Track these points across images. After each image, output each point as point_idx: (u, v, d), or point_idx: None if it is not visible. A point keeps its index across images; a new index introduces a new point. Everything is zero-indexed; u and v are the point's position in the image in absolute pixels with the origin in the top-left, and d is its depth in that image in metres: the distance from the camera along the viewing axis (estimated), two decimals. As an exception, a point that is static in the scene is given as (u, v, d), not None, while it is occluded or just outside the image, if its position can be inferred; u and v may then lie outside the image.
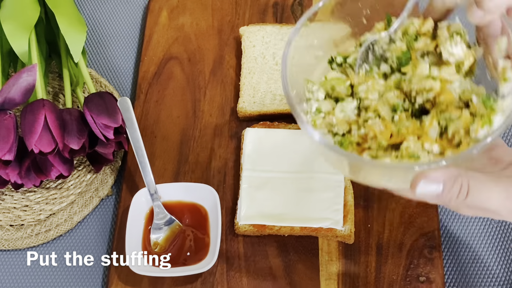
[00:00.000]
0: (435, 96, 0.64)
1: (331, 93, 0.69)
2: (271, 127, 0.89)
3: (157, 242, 0.82)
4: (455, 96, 0.64)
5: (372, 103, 0.66)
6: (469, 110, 0.62)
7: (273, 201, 0.82)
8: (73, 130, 0.82)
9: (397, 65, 0.69)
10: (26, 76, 0.79)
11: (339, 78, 0.69)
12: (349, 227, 0.80)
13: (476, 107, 0.62)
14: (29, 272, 0.85)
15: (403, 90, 0.66)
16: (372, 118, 0.65)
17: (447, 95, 0.63)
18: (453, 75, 0.65)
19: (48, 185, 0.90)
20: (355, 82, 0.68)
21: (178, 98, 0.96)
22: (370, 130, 0.64)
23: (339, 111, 0.67)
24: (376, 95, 0.67)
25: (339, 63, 0.71)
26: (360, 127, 0.65)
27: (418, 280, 0.78)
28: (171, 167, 0.90)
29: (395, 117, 0.65)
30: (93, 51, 1.04)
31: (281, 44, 0.96)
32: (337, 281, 0.79)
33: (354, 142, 0.65)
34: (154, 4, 1.06)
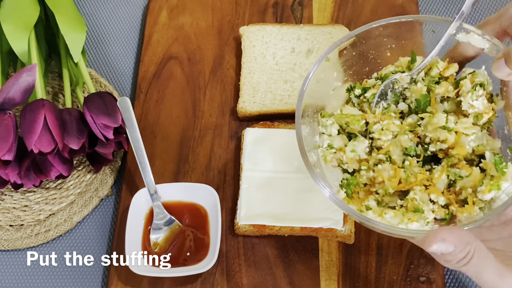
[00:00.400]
0: (449, 147, 0.65)
1: (345, 128, 0.70)
2: (271, 127, 0.89)
3: (157, 242, 0.82)
4: (469, 150, 0.65)
5: (384, 144, 0.67)
6: (481, 166, 0.64)
7: (273, 201, 0.82)
8: (72, 130, 0.82)
9: (415, 107, 0.69)
10: (25, 76, 0.79)
11: (354, 116, 0.69)
12: (349, 227, 0.80)
13: (488, 165, 0.63)
14: (29, 272, 0.85)
15: (417, 135, 0.67)
16: (383, 160, 0.66)
17: (461, 150, 0.64)
18: (469, 128, 0.65)
19: (47, 185, 0.90)
20: (370, 121, 0.69)
21: (178, 98, 0.96)
22: (379, 175, 0.65)
23: (349, 151, 0.68)
24: (390, 136, 0.67)
25: (357, 95, 0.72)
26: (369, 168, 0.66)
27: (418, 280, 0.78)
28: (171, 167, 0.90)
29: (406, 162, 0.66)
30: (93, 51, 1.04)
31: (281, 44, 0.96)
32: (337, 281, 0.79)
33: (362, 183, 0.66)
34: (154, 4, 1.06)
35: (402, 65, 0.72)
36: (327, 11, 1.02)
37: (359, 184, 0.67)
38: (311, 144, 0.69)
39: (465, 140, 0.65)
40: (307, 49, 0.95)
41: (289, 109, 0.90)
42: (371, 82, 0.73)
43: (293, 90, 0.92)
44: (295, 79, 0.93)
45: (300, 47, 0.96)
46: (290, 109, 0.90)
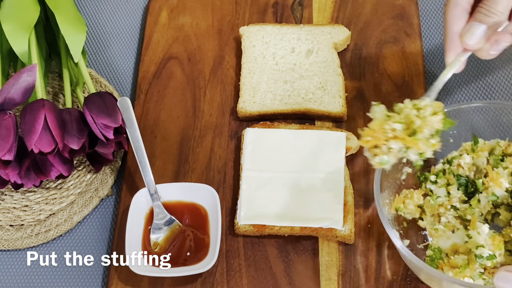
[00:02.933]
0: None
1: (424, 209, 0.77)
2: (271, 127, 0.89)
3: (157, 242, 0.82)
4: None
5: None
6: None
7: (273, 201, 0.82)
8: (73, 130, 0.82)
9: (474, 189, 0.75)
10: (26, 76, 0.79)
11: (433, 205, 0.76)
12: (349, 227, 0.80)
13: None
14: (29, 272, 0.85)
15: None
16: (470, 236, 0.71)
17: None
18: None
19: (48, 185, 0.90)
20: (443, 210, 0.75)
21: (178, 98, 0.96)
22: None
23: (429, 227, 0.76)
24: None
25: (433, 181, 0.77)
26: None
27: (418, 280, 0.78)
28: (171, 167, 0.90)
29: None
30: (93, 51, 1.04)
31: (281, 44, 0.96)
32: (337, 281, 0.79)
33: (444, 253, 0.72)
34: (154, 4, 1.06)
35: (466, 150, 0.77)
36: (327, 11, 1.02)
37: (443, 257, 0.72)
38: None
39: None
40: (307, 49, 0.95)
41: (289, 109, 0.90)
42: (438, 167, 0.78)
43: (293, 90, 0.92)
44: (295, 79, 0.93)
45: (300, 47, 0.96)
46: (290, 109, 0.90)
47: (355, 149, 0.87)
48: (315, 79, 0.92)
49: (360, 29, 0.99)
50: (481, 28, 0.70)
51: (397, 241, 0.70)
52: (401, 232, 0.77)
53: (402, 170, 0.79)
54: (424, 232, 0.78)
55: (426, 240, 0.78)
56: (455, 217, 0.74)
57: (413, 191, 0.77)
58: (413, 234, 0.78)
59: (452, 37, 0.73)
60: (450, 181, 0.76)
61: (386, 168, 0.69)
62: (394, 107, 0.69)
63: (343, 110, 0.89)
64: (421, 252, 0.77)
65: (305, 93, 0.91)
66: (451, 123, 0.68)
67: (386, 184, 0.76)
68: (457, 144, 0.80)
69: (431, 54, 0.97)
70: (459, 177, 0.76)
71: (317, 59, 0.94)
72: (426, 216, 0.77)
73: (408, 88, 0.92)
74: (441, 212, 0.75)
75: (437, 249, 0.72)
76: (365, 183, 0.85)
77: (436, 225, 0.75)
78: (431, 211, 0.76)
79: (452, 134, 0.79)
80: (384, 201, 0.75)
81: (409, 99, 0.69)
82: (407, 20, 0.98)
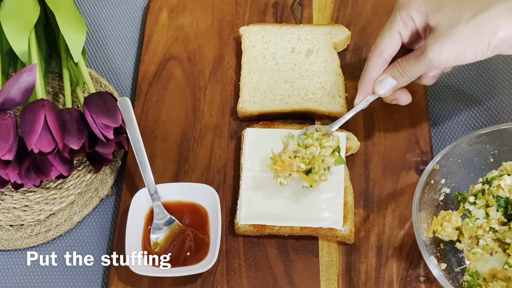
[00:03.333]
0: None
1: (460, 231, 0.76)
2: (271, 127, 0.89)
3: (157, 242, 0.82)
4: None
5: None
6: None
7: (273, 201, 0.82)
8: (73, 130, 0.82)
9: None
10: (26, 76, 0.79)
11: (471, 228, 0.75)
12: (349, 227, 0.80)
13: None
14: (29, 272, 0.85)
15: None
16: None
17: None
18: None
19: (48, 185, 0.90)
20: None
21: (178, 98, 0.96)
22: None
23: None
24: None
25: (471, 202, 0.76)
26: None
27: (418, 280, 0.78)
28: (171, 167, 0.90)
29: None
30: (93, 51, 1.04)
31: (281, 44, 0.96)
32: (337, 281, 0.79)
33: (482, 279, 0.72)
34: (154, 4, 1.06)
35: (507, 169, 0.77)
36: (327, 11, 1.02)
37: (481, 284, 0.72)
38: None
39: None
40: (307, 49, 0.95)
41: (289, 109, 0.90)
42: (477, 187, 0.77)
43: (293, 90, 0.92)
44: (295, 79, 0.93)
45: (300, 47, 0.96)
46: (290, 109, 0.90)
47: (355, 149, 0.87)
48: (315, 79, 0.92)
49: (360, 29, 0.99)
50: (393, 82, 0.80)
51: (434, 270, 0.70)
52: (438, 254, 0.76)
53: (440, 191, 0.79)
54: (461, 254, 0.77)
55: (463, 262, 0.77)
56: (493, 240, 0.73)
57: (451, 212, 0.76)
58: (451, 256, 0.77)
59: (367, 82, 0.81)
60: (489, 203, 0.75)
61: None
62: (305, 131, 0.80)
63: (343, 110, 0.89)
64: (459, 275, 0.76)
65: (305, 93, 0.91)
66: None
67: (423, 206, 0.75)
68: (497, 163, 0.79)
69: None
70: (498, 199, 0.74)
71: (317, 59, 0.94)
72: (464, 238, 0.75)
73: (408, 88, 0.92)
74: (479, 234, 0.74)
75: (474, 273, 0.72)
76: (365, 183, 0.85)
77: (474, 248, 0.74)
78: (469, 234, 0.75)
79: (492, 153, 0.79)
80: (421, 224, 0.74)
81: (317, 127, 0.81)
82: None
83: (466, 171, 0.80)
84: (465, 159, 0.79)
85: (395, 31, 0.78)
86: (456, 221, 0.75)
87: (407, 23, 0.77)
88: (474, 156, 0.79)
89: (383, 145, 0.88)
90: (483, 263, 0.72)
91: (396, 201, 0.83)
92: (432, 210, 0.77)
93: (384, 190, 0.84)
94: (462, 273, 0.76)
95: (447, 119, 0.91)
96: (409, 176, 0.85)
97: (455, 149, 0.77)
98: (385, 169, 0.86)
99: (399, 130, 0.89)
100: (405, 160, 0.86)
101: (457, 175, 0.79)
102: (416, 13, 0.76)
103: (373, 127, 0.89)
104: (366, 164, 0.87)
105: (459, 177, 0.79)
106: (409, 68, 0.77)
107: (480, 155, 0.79)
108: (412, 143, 0.87)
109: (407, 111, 0.89)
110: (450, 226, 0.75)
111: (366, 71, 0.81)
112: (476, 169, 0.79)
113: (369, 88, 0.81)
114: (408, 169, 0.85)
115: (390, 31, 0.78)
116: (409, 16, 0.76)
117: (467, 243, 0.75)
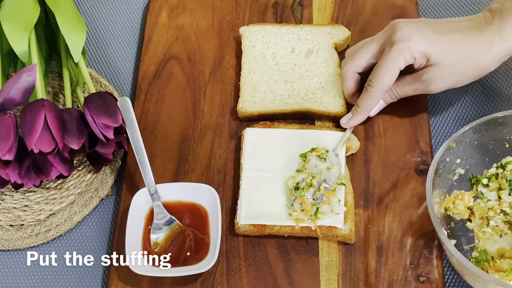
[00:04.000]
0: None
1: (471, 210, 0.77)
2: (271, 127, 0.89)
3: (157, 242, 0.82)
4: None
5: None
6: None
7: (273, 201, 0.82)
8: (73, 130, 0.82)
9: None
10: (26, 76, 0.79)
11: (483, 208, 0.76)
12: (349, 226, 0.80)
13: None
14: (29, 272, 0.85)
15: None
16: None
17: None
18: None
19: (48, 185, 0.90)
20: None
21: (178, 98, 0.96)
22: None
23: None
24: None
25: (484, 184, 0.77)
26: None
27: (418, 280, 0.78)
28: (171, 167, 0.90)
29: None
30: (93, 51, 1.04)
31: (281, 44, 0.96)
32: (337, 281, 0.79)
33: (490, 260, 0.72)
34: (154, 4, 1.06)
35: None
36: (327, 11, 1.02)
37: (489, 260, 0.73)
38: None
39: None
40: (307, 49, 0.95)
41: (289, 109, 0.90)
42: (491, 171, 0.78)
43: (293, 90, 0.92)
44: (295, 79, 0.93)
45: (300, 47, 0.96)
46: (290, 109, 0.90)
47: (355, 149, 0.87)
48: (315, 79, 0.92)
49: (360, 29, 0.99)
50: (382, 104, 0.88)
51: (445, 240, 0.70)
52: (448, 231, 0.77)
53: (454, 171, 0.80)
54: (471, 234, 0.78)
55: (472, 242, 0.78)
56: (504, 222, 0.74)
57: (464, 192, 0.77)
58: (460, 235, 0.78)
59: (364, 112, 0.86)
60: (502, 186, 0.76)
61: None
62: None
63: (343, 110, 0.89)
64: (467, 253, 0.77)
65: (305, 93, 0.91)
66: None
67: (437, 183, 0.77)
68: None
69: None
70: (511, 183, 0.76)
71: (317, 59, 0.94)
72: (474, 218, 0.76)
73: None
74: (490, 215, 0.75)
75: (483, 251, 0.73)
76: (365, 183, 0.85)
77: (484, 228, 0.75)
78: (480, 214, 0.76)
79: (508, 139, 0.80)
80: (434, 200, 0.75)
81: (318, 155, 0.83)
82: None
83: (482, 155, 0.80)
84: (481, 143, 0.80)
85: (398, 67, 0.81)
86: (468, 200, 0.76)
87: (407, 61, 0.80)
88: (490, 140, 0.80)
89: (383, 145, 0.88)
90: (492, 243, 0.73)
91: (396, 201, 0.83)
92: (445, 189, 0.79)
93: (384, 190, 0.84)
94: (470, 252, 0.76)
95: (448, 119, 0.91)
96: (409, 176, 0.85)
97: (472, 130, 0.78)
98: (385, 169, 0.86)
99: (399, 130, 0.89)
100: (405, 160, 0.86)
101: (472, 158, 0.80)
102: (419, 53, 0.79)
103: (373, 127, 0.89)
104: (366, 164, 0.87)
105: (474, 160, 0.80)
106: (403, 93, 0.85)
107: (496, 140, 0.80)
108: (412, 143, 0.87)
109: (407, 111, 0.90)
110: (462, 205, 0.76)
111: (370, 103, 0.85)
112: (491, 154, 0.80)
113: (364, 116, 0.87)
114: (408, 169, 0.85)
115: (393, 67, 0.81)
116: (411, 55, 0.79)
117: (477, 223, 0.76)
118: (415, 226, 0.81)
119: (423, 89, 0.83)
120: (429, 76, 0.81)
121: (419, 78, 0.82)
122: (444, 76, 0.80)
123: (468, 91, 0.93)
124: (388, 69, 0.81)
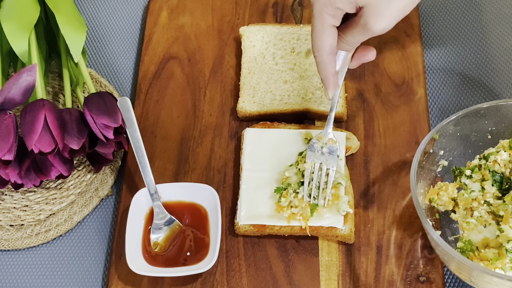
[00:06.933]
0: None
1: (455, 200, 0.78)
2: (271, 127, 0.89)
3: (157, 242, 0.82)
4: None
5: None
6: None
7: (273, 201, 0.82)
8: (73, 130, 0.82)
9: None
10: (26, 76, 0.79)
11: (466, 198, 0.76)
12: (349, 227, 0.80)
13: None
14: (29, 272, 0.85)
15: None
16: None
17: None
18: None
19: (48, 185, 0.90)
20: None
21: (178, 98, 0.96)
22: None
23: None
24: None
25: (468, 175, 0.78)
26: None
27: (418, 280, 0.78)
28: (171, 167, 0.90)
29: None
30: (93, 51, 1.04)
31: (281, 44, 0.96)
32: (337, 281, 0.79)
33: (474, 249, 0.72)
34: (154, 4, 1.06)
35: (504, 146, 0.78)
36: (327, 11, 1.02)
37: (473, 250, 0.73)
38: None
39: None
40: (307, 49, 0.95)
41: (289, 109, 0.90)
42: (474, 162, 0.78)
43: (293, 90, 0.92)
44: (295, 79, 0.93)
45: (300, 47, 0.96)
46: (289, 109, 0.90)
47: (355, 149, 0.87)
48: (315, 79, 0.92)
49: (360, 29, 0.99)
50: (343, 53, 0.80)
51: (430, 229, 0.71)
52: (433, 223, 0.77)
53: (438, 163, 0.80)
54: (455, 225, 0.79)
55: (457, 232, 0.78)
56: (487, 212, 0.75)
57: (448, 183, 0.78)
58: (445, 226, 0.79)
59: (331, 77, 0.79)
60: (485, 177, 0.77)
61: None
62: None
63: (343, 110, 0.89)
64: (452, 244, 0.77)
65: (305, 93, 0.91)
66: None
67: (422, 175, 0.77)
68: (494, 141, 0.80)
69: (431, 54, 0.97)
70: (494, 173, 0.76)
71: None
72: (459, 209, 0.77)
73: (408, 88, 0.92)
74: (474, 206, 0.76)
75: (468, 242, 0.73)
76: (365, 183, 0.85)
77: (468, 218, 0.75)
78: (464, 205, 0.76)
79: (490, 130, 0.80)
80: (419, 191, 0.76)
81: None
82: (407, 20, 0.98)
83: (464, 147, 0.81)
84: (464, 134, 0.80)
85: (328, 26, 0.76)
86: (452, 191, 0.77)
87: (335, 15, 0.75)
88: (473, 131, 0.80)
89: (383, 145, 0.88)
90: (476, 233, 0.73)
91: (396, 201, 0.83)
92: (429, 181, 0.79)
93: (384, 190, 0.84)
94: (455, 242, 0.77)
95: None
96: (409, 176, 0.85)
97: (454, 121, 0.78)
98: (385, 169, 0.86)
99: (399, 130, 0.89)
100: (405, 160, 0.86)
101: (455, 150, 0.80)
102: (341, 3, 0.74)
103: (373, 127, 0.90)
104: (366, 164, 0.87)
105: (457, 152, 0.81)
106: (355, 41, 0.78)
107: (478, 131, 0.80)
108: (412, 143, 0.87)
109: (407, 111, 0.90)
110: (446, 196, 0.77)
111: (326, 70, 0.79)
112: (474, 146, 0.81)
113: (335, 82, 0.80)
114: (408, 169, 0.85)
115: (323, 29, 0.75)
116: (335, 8, 0.74)
117: (461, 214, 0.76)
118: (414, 226, 0.81)
119: (367, 33, 0.76)
120: (365, 19, 0.74)
121: (357, 24, 0.75)
122: (379, 13, 0.73)
123: (468, 91, 0.93)
124: (320, 32, 0.76)
